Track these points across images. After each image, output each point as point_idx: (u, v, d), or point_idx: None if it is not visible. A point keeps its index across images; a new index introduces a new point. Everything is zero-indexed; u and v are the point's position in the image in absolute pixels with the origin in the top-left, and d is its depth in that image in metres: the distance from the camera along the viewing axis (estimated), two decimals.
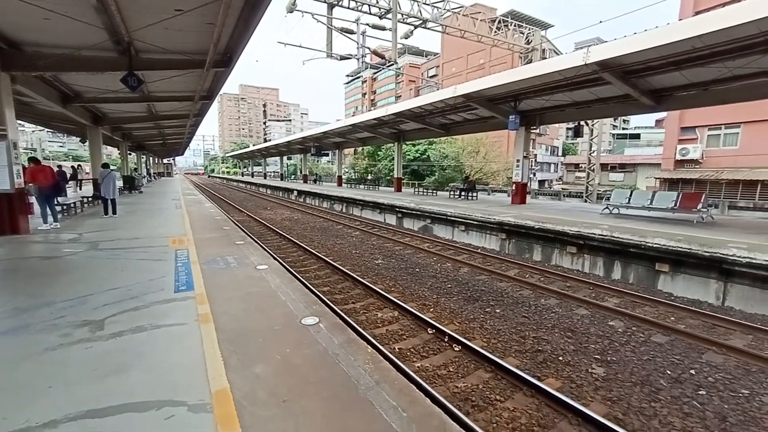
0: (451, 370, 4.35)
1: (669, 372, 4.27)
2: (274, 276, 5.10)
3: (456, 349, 4.82)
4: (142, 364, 2.74)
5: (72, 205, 11.23)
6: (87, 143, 18.25)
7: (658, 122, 50.47)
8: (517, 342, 5.08)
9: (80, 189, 20.69)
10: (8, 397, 2.36)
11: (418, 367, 4.39)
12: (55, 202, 9.35)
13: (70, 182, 17.09)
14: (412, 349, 4.81)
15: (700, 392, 3.89)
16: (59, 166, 18.91)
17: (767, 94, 9.60)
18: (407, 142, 30.18)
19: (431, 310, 6.23)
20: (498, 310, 6.17)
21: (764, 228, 9.29)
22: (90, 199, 13.35)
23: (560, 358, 4.62)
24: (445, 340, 5.03)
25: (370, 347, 3.07)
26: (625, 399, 3.79)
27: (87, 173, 28.78)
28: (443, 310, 6.24)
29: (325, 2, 13.44)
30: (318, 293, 6.29)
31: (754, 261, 6.10)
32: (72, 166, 22.76)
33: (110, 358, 2.82)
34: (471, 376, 4.23)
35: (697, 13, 18.51)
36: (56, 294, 4.22)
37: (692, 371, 4.29)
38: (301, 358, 2.88)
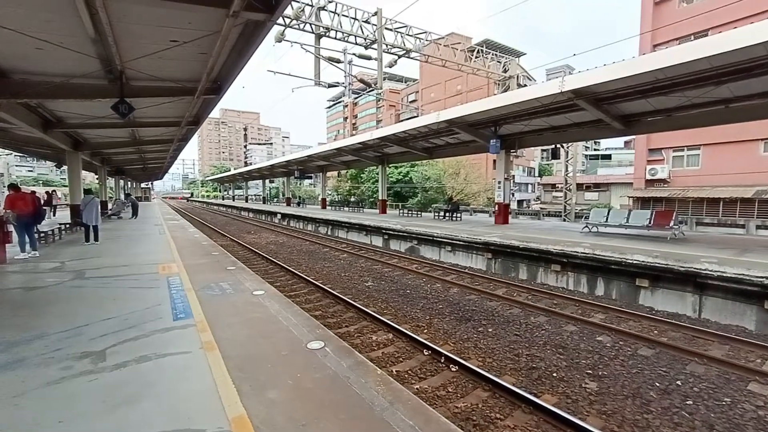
0: (449, 390, 4.41)
1: (657, 384, 4.47)
2: (273, 301, 5.10)
3: (453, 369, 4.88)
4: (153, 394, 2.72)
5: (50, 232, 10.85)
6: (61, 168, 17.74)
7: (627, 143, 53.37)
8: (511, 360, 5.20)
9: (54, 215, 19.97)
10: None
11: (417, 389, 4.43)
12: (34, 230, 9.04)
13: (44, 208, 16.46)
14: (409, 371, 4.85)
15: (687, 402, 4.09)
16: (33, 192, 18.25)
17: (721, 120, 10.55)
18: (391, 165, 30.74)
19: (425, 331, 6.30)
20: (490, 329, 6.30)
21: (730, 243, 9.92)
22: (68, 225, 12.92)
23: (554, 374, 4.76)
24: (442, 360, 5.10)
25: (379, 369, 3.14)
26: (619, 412, 3.94)
27: (59, 198, 27.80)
28: (437, 330, 6.32)
29: (312, 33, 13.94)
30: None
31: (725, 274, 6.52)
32: (47, 192, 21.94)
33: (118, 389, 2.78)
34: (470, 395, 4.29)
35: (655, 46, 20.17)
36: (48, 326, 4.10)
37: (678, 382, 4.51)
38: (313, 382, 2.92)
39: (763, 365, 4.97)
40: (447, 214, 19.30)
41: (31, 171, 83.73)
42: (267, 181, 55.32)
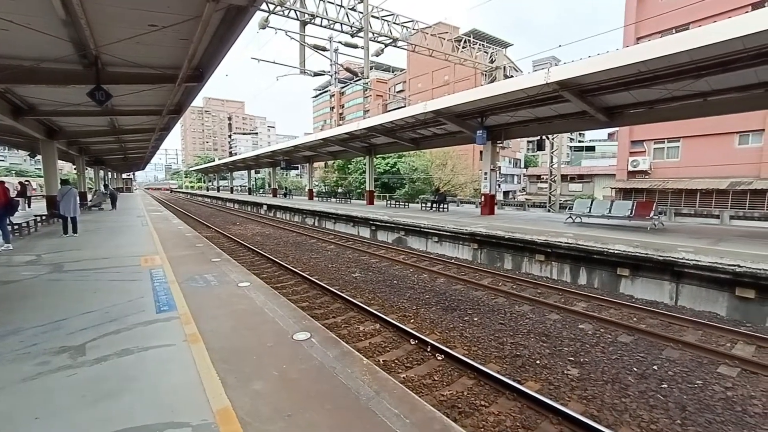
0: (435, 379, 4.47)
1: (635, 369, 4.63)
2: (258, 293, 5.06)
3: (439, 358, 4.95)
4: (135, 388, 2.67)
5: (25, 224, 10.47)
6: (36, 158, 16.98)
7: (611, 135, 54.29)
8: (496, 348, 5.30)
9: (29, 207, 19.27)
10: None
11: (404, 377, 4.48)
12: (7, 222, 8.71)
13: (18, 199, 15.85)
14: (396, 361, 4.90)
15: (662, 386, 4.25)
16: (2, 182, 17.53)
17: (699, 113, 10.80)
18: (378, 156, 30.58)
19: (412, 321, 6.36)
20: (476, 319, 6.39)
21: (706, 233, 10.25)
22: (44, 217, 12.48)
23: (537, 362, 4.87)
24: (428, 350, 5.16)
25: (365, 359, 3.16)
26: (599, 397, 4.08)
27: (34, 189, 26.78)
28: (423, 320, 6.38)
29: (297, 20, 13.62)
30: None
31: (700, 263, 6.76)
32: (20, 182, 21.08)
33: (99, 384, 2.73)
34: (455, 383, 4.36)
35: (639, 39, 20.44)
36: (23, 320, 3.97)
37: (655, 367, 4.68)
38: (299, 373, 2.92)
39: (732, 349, 5.20)
40: (434, 205, 19.37)
41: (3, 160, 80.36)
42: (252, 171, 54.45)
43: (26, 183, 21.33)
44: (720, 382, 4.33)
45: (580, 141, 62.14)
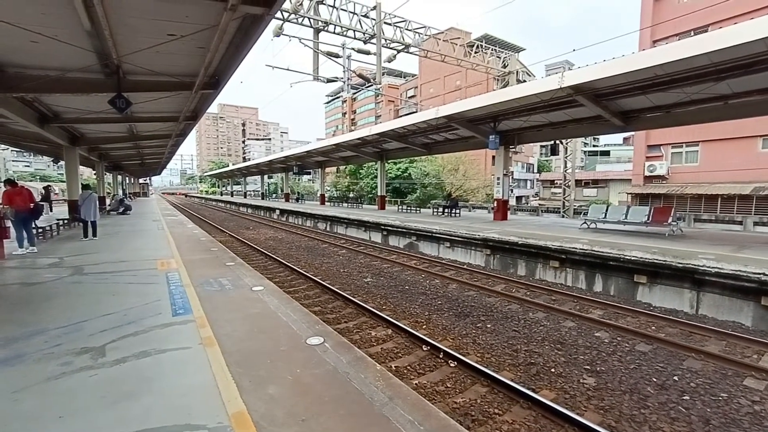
0: (448, 386, 4.42)
1: (655, 379, 4.50)
2: (272, 297, 5.11)
3: (452, 365, 4.90)
4: (153, 389, 2.73)
5: (48, 228, 10.81)
6: (59, 164, 17.53)
7: (626, 140, 53.36)
8: (509, 356, 5.22)
9: (51, 211, 19.90)
10: (17, 429, 2.30)
11: (416, 384, 4.44)
12: (32, 226, 9.01)
13: (42, 203, 16.38)
14: (408, 367, 4.87)
15: (684, 397, 4.12)
16: (27, 188, 18.14)
17: (719, 116, 10.55)
18: (389, 161, 30.67)
19: (424, 326, 6.31)
20: (489, 325, 6.32)
21: (728, 239, 9.95)
22: (66, 221, 12.87)
23: (552, 370, 4.78)
24: (440, 356, 5.11)
25: (378, 364, 3.15)
26: (617, 407, 3.97)
27: (56, 194, 27.67)
28: (436, 326, 6.33)
29: (311, 27, 13.84)
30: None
31: (722, 271, 6.55)
32: (44, 187, 21.82)
33: (118, 385, 2.79)
34: (468, 391, 4.31)
35: (655, 42, 20.12)
36: (47, 321, 4.10)
37: (675, 378, 4.54)
38: (312, 378, 2.93)
39: (760, 361, 5.01)
40: (446, 210, 19.29)
41: (28, 166, 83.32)
42: (265, 176, 55.20)
43: (49, 188, 22.08)
44: (746, 395, 4.17)
45: (594, 145, 61.23)
